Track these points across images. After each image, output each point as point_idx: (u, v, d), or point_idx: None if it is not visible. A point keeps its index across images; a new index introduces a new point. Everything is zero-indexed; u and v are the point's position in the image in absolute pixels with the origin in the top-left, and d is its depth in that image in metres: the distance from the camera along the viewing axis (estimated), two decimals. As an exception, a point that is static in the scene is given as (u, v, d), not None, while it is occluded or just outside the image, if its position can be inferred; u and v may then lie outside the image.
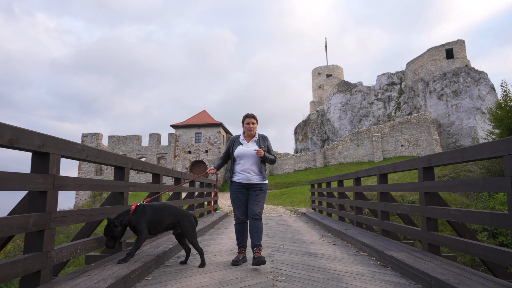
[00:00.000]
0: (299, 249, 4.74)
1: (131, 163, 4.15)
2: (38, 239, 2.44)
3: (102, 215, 3.48)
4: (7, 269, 2.10)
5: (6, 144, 2.12)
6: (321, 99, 54.54)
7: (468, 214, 3.04)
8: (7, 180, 2.09)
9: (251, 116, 3.85)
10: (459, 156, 3.21)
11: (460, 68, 41.32)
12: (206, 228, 6.93)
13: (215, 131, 40.59)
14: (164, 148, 42.08)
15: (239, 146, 3.80)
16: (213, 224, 7.95)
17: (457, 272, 2.84)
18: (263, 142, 3.87)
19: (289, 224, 8.47)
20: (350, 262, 3.96)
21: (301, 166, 38.20)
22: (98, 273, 2.78)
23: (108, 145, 42.40)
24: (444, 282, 2.57)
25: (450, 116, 40.54)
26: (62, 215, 2.70)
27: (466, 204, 10.46)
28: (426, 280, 2.85)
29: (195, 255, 4.28)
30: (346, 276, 3.23)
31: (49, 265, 2.51)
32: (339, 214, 8.20)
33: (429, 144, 35.56)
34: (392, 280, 3.12)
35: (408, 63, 47.50)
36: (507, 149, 2.53)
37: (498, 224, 2.67)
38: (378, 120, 46.97)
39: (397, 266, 3.47)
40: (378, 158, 35.57)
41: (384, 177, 5.37)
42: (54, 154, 2.58)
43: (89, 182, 3.23)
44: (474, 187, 3.02)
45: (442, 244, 3.51)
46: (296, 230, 7.29)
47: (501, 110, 13.64)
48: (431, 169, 3.87)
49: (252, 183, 3.72)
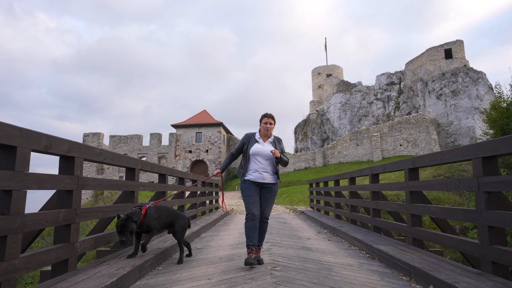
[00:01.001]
0: (295, 244, 5.10)
1: (141, 165, 4.52)
2: (66, 232, 2.81)
3: (116, 212, 3.84)
4: (44, 256, 2.47)
5: (43, 150, 2.48)
6: (321, 99, 54.83)
7: (444, 210, 3.40)
8: (44, 181, 2.46)
9: (270, 116, 3.78)
10: (438, 158, 3.57)
11: (459, 68, 41.58)
12: (209, 225, 7.30)
13: (216, 130, 40.96)
14: (165, 148, 42.48)
15: (256, 144, 3.72)
16: (215, 221, 8.33)
17: (433, 261, 3.21)
18: (278, 144, 3.84)
19: (287, 222, 8.84)
20: (342, 255, 4.33)
21: (301, 166, 38.55)
22: (116, 262, 3.15)
23: (109, 144, 42.78)
24: (420, 269, 2.94)
25: (448, 116, 40.80)
26: (84, 211, 3.07)
27: (459, 203, 10.82)
28: (406, 269, 3.22)
29: (199, 249, 4.65)
30: (336, 267, 3.60)
31: (75, 254, 2.88)
32: (336, 212, 8.57)
33: (428, 143, 35.88)
34: (377, 270, 3.49)
35: (407, 63, 47.76)
36: (474, 153, 2.89)
37: (469, 219, 3.03)
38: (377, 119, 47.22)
39: (383, 257, 3.84)
40: (377, 158, 35.91)
41: (376, 177, 5.74)
42: (78, 157, 2.95)
43: (106, 182, 3.60)
44: (450, 187, 3.39)
45: (424, 238, 3.87)
46: (294, 227, 7.66)
47: (494, 111, 13.99)
48: (415, 170, 4.23)
49: (266, 182, 3.68)
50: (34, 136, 2.37)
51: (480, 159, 2.83)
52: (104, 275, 2.68)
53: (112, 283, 2.49)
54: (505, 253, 2.55)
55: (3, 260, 2.07)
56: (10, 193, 2.14)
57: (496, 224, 2.66)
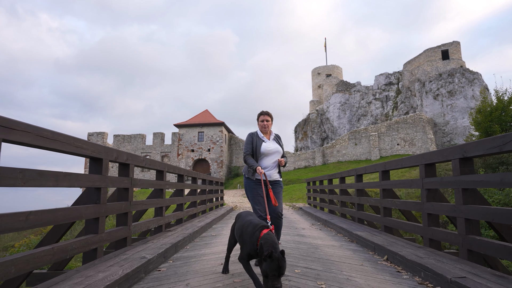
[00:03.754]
0: (292, 232, 6.20)
1: (167, 168, 5.62)
2: (124, 218, 3.91)
3: (150, 205, 4.93)
4: (114, 233, 3.57)
5: (114, 160, 3.57)
6: (320, 99, 55.79)
7: (402, 203, 4.50)
8: (114, 181, 3.56)
9: (266, 113, 3.84)
10: (399, 164, 4.66)
11: (455, 69, 42.47)
12: (218, 218, 8.42)
13: (218, 130, 41.99)
14: (167, 147, 43.57)
15: (263, 143, 3.76)
16: (223, 216, 9.44)
17: (392, 241, 4.30)
18: (280, 141, 3.95)
19: (286, 216, 9.94)
20: (328, 239, 5.43)
21: (301, 164, 39.59)
22: (157, 241, 4.26)
23: (113, 143, 43.85)
24: (380, 245, 4.04)
25: (445, 116, 41.70)
26: (135, 204, 4.17)
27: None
28: (372, 246, 4.32)
29: (214, 236, 5.75)
30: (322, 247, 4.69)
31: (130, 234, 3.98)
32: (329, 207, 9.66)
33: (424, 143, 36.89)
34: (353, 248, 4.59)
35: (405, 64, 48.67)
36: (420, 161, 3.98)
37: (417, 209, 4.12)
38: (376, 119, 48.14)
39: (359, 240, 4.94)
40: (375, 157, 36.94)
41: (360, 177, 6.83)
42: (131, 164, 4.04)
43: (146, 182, 4.70)
44: (406, 185, 4.48)
45: (392, 226, 4.96)
46: (292, 220, 8.77)
47: (479, 115, 15.05)
48: (387, 172, 5.32)
49: (272, 179, 3.75)
50: (111, 151, 3.47)
51: (423, 165, 3.92)
52: (153, 248, 3.78)
53: (162, 252, 3.59)
54: (437, 232, 3.64)
55: (97, 233, 3.17)
56: (99, 190, 3.23)
57: (434, 212, 3.75)
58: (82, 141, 2.92)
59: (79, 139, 2.87)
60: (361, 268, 3.40)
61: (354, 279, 2.96)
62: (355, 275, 3.09)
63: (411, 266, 3.18)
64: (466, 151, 3.13)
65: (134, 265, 2.92)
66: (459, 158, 3.23)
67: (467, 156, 3.14)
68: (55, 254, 2.50)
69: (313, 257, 3.94)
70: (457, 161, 3.26)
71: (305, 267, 3.36)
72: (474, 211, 2.99)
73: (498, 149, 2.69)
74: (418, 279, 2.96)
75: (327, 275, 3.05)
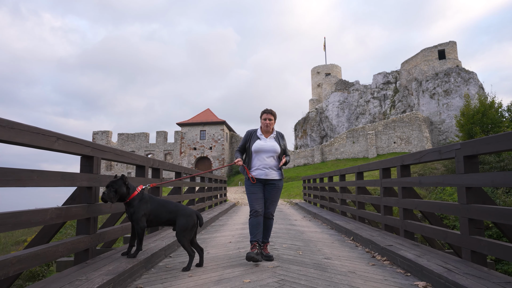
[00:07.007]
0: (285, 222, 7.50)
1: (184, 170, 6.90)
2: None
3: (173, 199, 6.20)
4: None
5: (150, 166, 4.84)
6: (320, 97, 56.82)
7: (370, 198, 5.77)
8: (136, 181, 4.83)
9: (269, 112, 3.73)
10: (367, 167, 5.93)
11: (451, 68, 43.42)
12: (223, 212, 9.74)
13: (219, 128, 43.18)
14: (170, 145, 44.76)
15: (257, 140, 3.68)
16: (227, 210, 10.76)
17: (360, 227, 5.59)
18: (282, 140, 3.79)
19: (283, 211, 11.24)
20: (313, 227, 6.72)
21: (300, 162, 40.78)
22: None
23: (117, 142, 44.96)
24: (349, 230, 5.33)
25: (441, 114, 42.69)
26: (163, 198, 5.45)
27: (423, 196, 13.18)
28: (344, 231, 5.62)
29: (221, 225, 7.04)
30: (307, 232, 5.98)
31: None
32: (320, 202, 10.96)
33: (420, 141, 38.01)
34: (330, 233, 5.88)
35: (403, 63, 49.64)
36: (379, 166, 5.24)
37: (378, 202, 5.38)
38: (374, 117, 49.12)
39: (337, 228, 6.22)
40: (372, 155, 38.11)
41: (343, 177, 8.10)
42: (161, 168, 5.32)
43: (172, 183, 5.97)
44: (374, 184, 5.75)
45: (365, 216, 6.23)
46: (287, 213, 10.07)
47: (463, 118, 16.27)
48: (361, 174, 6.59)
49: (269, 178, 3.63)
50: (149, 160, 4.75)
51: (382, 169, 5.18)
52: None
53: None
54: (389, 219, 4.92)
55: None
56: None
57: (387, 204, 5.01)
58: (134, 155, 4.19)
59: (136, 155, 4.14)
60: (331, 245, 4.69)
61: (323, 250, 4.24)
62: (325, 248, 4.37)
63: (365, 242, 4.46)
64: (404, 160, 4.39)
65: (170, 240, 4.20)
66: (400, 165, 4.49)
67: (404, 164, 4.40)
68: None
69: (299, 238, 5.23)
70: (399, 167, 4.52)
71: (291, 244, 4.65)
72: (411, 203, 4.23)
73: (418, 160, 3.96)
74: (367, 250, 4.25)
75: (305, 248, 4.34)
